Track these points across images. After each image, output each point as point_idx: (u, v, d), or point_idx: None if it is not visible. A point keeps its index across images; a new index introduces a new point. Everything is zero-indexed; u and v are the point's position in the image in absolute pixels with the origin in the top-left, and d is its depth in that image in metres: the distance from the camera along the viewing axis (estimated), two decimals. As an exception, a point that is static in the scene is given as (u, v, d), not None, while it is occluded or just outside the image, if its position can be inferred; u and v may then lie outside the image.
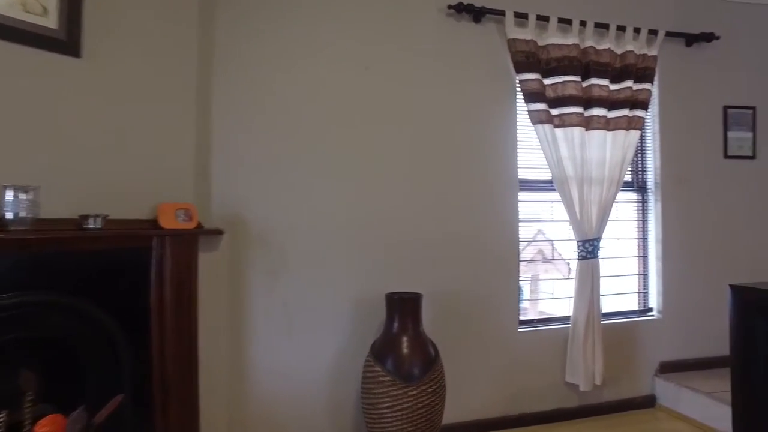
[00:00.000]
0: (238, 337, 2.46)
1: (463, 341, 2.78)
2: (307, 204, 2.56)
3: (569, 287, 3.05)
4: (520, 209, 2.94)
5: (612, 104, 2.97)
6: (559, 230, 3.12)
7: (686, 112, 3.36)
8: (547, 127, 2.82)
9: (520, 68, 2.81)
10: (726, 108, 3.45)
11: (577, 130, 2.87)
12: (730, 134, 3.46)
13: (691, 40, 3.32)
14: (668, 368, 3.22)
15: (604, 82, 2.93)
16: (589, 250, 2.91)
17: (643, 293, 3.33)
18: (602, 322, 2.94)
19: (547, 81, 2.86)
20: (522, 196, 2.95)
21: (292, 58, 2.56)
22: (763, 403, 1.99)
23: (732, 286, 2.06)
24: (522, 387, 2.89)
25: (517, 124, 2.93)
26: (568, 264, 3.16)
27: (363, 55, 2.67)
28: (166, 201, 2.17)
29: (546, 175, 3.03)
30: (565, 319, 3.04)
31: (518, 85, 2.88)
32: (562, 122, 2.87)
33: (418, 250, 2.70)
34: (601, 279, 2.96)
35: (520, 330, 2.91)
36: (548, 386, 2.94)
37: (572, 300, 2.94)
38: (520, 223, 2.93)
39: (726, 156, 3.45)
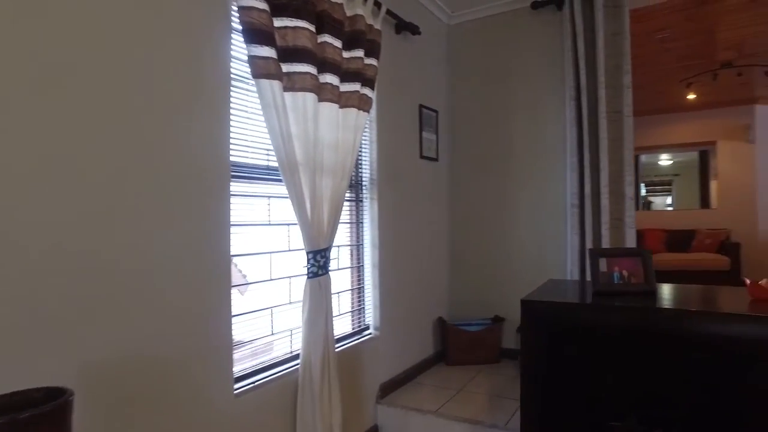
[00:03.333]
0: None
1: (144, 442, 1.55)
2: None
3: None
4: (232, 209, 1.92)
5: (344, 75, 2.33)
6: (275, 239, 2.26)
7: (396, 104, 3.10)
8: (276, 85, 1.92)
9: (239, -13, 1.80)
10: (421, 107, 3.39)
11: (310, 98, 2.08)
12: (423, 133, 3.42)
13: (400, 27, 3.06)
14: (387, 389, 2.84)
15: (338, 43, 2.26)
16: (320, 263, 2.18)
17: (359, 310, 2.85)
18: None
19: (277, 22, 1.95)
20: (234, 188, 1.94)
21: None
22: (548, 407, 1.71)
23: (523, 301, 1.71)
24: (237, 481, 1.88)
25: (231, 78, 1.90)
26: (246, 283, 2.30)
27: None
28: None
29: (260, 159, 2.13)
30: (291, 360, 2.22)
31: (236, 14, 1.87)
32: (292, 84, 2.03)
33: (54, 289, 1.31)
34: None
35: (237, 391, 1.90)
36: (273, 465, 2.04)
37: (302, 333, 2.13)
38: (232, 229, 1.91)
39: (421, 156, 3.39)
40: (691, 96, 6.21)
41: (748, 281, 1.63)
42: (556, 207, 3.39)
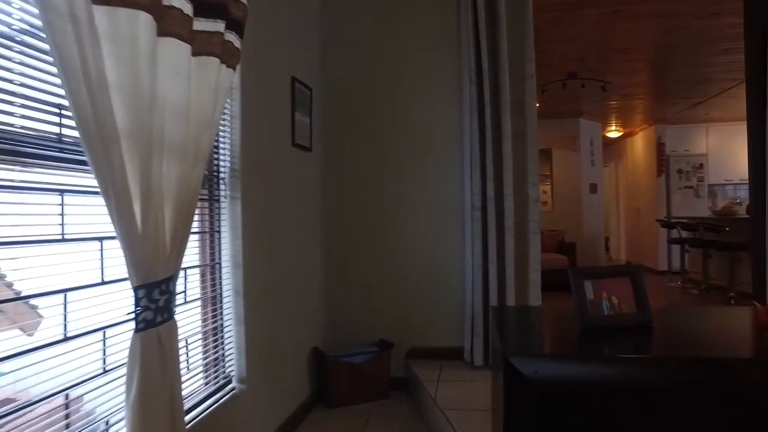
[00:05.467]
0: None
1: None
2: None
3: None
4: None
5: (201, 4, 1.48)
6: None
7: (265, 70, 2.30)
8: (75, -19, 1.02)
9: None
10: (294, 81, 2.63)
11: (144, 23, 1.21)
12: (296, 115, 2.67)
13: (271, -35, 2.28)
14: (257, 468, 2.04)
15: (190, -54, 1.41)
16: (160, 304, 1.31)
17: (215, 360, 1.98)
18: None
19: None
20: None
21: None
22: None
23: (508, 356, 1.12)
24: None
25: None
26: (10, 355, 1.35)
27: None
28: None
29: (47, 124, 1.19)
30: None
31: None
32: (108, -10, 1.14)
33: None
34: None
35: None
36: None
37: (126, 421, 1.24)
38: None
39: (293, 143, 2.63)
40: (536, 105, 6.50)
41: (759, 306, 1.30)
42: (451, 209, 2.95)
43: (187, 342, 1.76)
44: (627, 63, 5.28)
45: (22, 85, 1.12)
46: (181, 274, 1.73)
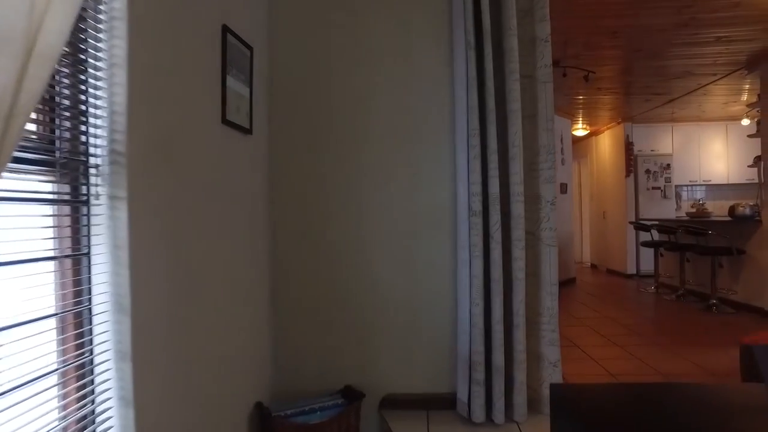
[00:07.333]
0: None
1: None
2: None
3: None
4: None
5: None
6: None
7: (177, 10, 1.51)
8: None
9: None
10: (226, 31, 1.85)
11: None
12: (229, 81, 1.89)
13: None
14: None
15: None
16: None
17: (82, 460, 1.19)
18: None
19: None
20: None
21: None
22: None
23: None
24: None
25: None
26: None
27: None
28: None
29: None
30: None
31: None
32: None
33: None
34: None
35: None
36: None
37: None
38: None
39: (224, 120, 1.86)
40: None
41: None
42: (441, 215, 2.26)
43: (4, 465, 0.96)
44: (610, 50, 4.80)
45: None
46: (-12, 341, 0.94)
